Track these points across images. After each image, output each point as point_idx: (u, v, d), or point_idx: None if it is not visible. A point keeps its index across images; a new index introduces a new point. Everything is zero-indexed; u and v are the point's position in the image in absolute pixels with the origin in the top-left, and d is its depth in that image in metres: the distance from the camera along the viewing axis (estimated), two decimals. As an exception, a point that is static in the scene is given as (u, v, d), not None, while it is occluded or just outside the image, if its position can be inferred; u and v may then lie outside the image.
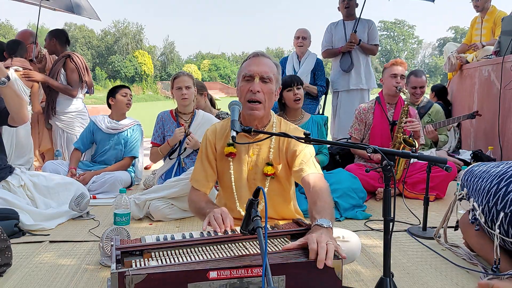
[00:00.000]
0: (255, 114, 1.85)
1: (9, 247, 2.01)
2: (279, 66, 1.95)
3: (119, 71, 53.33)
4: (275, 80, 1.90)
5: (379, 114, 3.64)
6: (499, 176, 1.86)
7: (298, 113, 3.43)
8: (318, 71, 4.76)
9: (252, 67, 1.85)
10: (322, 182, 1.75)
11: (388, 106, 3.66)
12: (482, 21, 5.35)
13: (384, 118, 3.62)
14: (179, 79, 3.39)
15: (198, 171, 2.02)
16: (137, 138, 3.94)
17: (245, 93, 1.85)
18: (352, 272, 2.04)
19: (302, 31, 4.86)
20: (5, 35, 43.32)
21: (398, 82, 3.52)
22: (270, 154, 1.93)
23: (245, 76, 1.86)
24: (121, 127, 3.89)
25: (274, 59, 1.95)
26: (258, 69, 1.84)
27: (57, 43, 4.51)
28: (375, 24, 5.02)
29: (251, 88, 1.83)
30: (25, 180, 2.89)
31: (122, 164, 3.83)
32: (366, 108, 3.71)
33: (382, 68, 3.89)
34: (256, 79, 1.83)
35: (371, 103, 3.73)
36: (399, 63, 3.60)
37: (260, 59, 1.88)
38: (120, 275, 1.24)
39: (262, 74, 1.84)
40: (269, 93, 1.86)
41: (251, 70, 1.84)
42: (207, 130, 2.05)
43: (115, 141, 3.88)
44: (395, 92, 3.55)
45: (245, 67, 1.89)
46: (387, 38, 74.23)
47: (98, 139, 3.91)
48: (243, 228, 1.49)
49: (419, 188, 3.43)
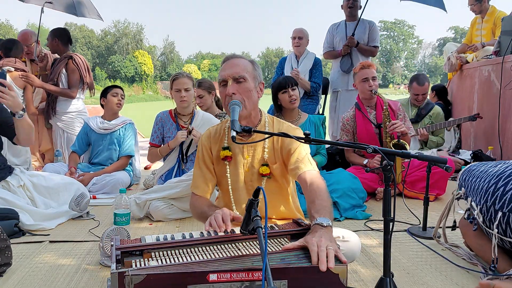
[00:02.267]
0: None
1: (9, 247, 2.01)
2: (254, 63, 1.94)
3: (119, 71, 53.35)
4: (252, 77, 1.88)
5: (362, 119, 3.63)
6: (497, 175, 1.86)
7: (295, 113, 3.43)
8: (315, 69, 4.76)
9: (224, 71, 1.86)
10: (319, 180, 1.75)
11: (369, 109, 3.65)
12: (482, 22, 5.35)
13: (367, 122, 3.60)
14: (178, 81, 3.35)
15: (197, 178, 2.03)
16: (131, 137, 3.90)
17: (223, 98, 1.87)
18: (352, 272, 2.04)
19: (298, 31, 4.86)
20: (5, 35, 43.30)
21: (370, 85, 3.51)
22: (265, 154, 1.93)
23: (220, 82, 1.88)
24: (113, 126, 3.87)
25: (247, 57, 1.95)
26: (230, 71, 1.84)
27: (59, 43, 4.50)
28: (376, 25, 5.02)
29: (225, 93, 1.84)
30: (25, 180, 2.88)
31: (120, 164, 3.82)
32: (348, 118, 3.69)
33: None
34: (229, 82, 1.84)
35: (352, 112, 3.71)
36: (366, 66, 3.57)
37: (231, 61, 1.89)
38: (120, 275, 1.23)
39: (234, 76, 1.84)
40: (246, 92, 1.84)
41: (223, 74, 1.86)
42: (202, 135, 2.06)
43: (108, 141, 3.87)
44: (370, 96, 3.54)
45: (219, 73, 1.90)
46: (387, 38, 74.22)
47: (92, 140, 3.91)
48: (243, 228, 1.49)
49: (419, 186, 3.42)
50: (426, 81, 4.63)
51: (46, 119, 4.56)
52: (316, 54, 4.88)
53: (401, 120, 3.56)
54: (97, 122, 3.89)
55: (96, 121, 3.90)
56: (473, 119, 4.57)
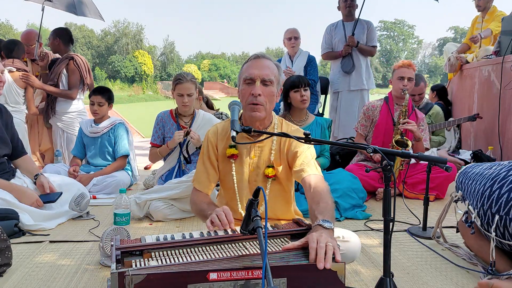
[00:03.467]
0: (256, 115, 1.85)
1: (9, 247, 2.01)
2: (280, 67, 1.95)
3: (119, 71, 53.32)
4: (276, 82, 1.89)
5: (385, 113, 3.65)
6: (492, 178, 1.86)
7: (303, 113, 3.43)
8: (309, 66, 4.76)
9: (253, 70, 1.84)
10: (323, 184, 1.76)
11: (396, 107, 3.66)
12: (483, 21, 5.34)
13: (389, 117, 3.62)
14: (181, 86, 3.31)
15: (200, 173, 2.02)
16: (121, 137, 3.85)
17: (246, 96, 1.85)
18: (352, 272, 2.04)
19: (293, 31, 4.85)
20: (5, 35, 43.29)
21: (404, 85, 3.52)
22: (271, 155, 1.93)
23: (246, 79, 1.85)
24: (101, 130, 3.82)
25: (275, 61, 1.94)
26: (259, 72, 1.83)
27: (60, 42, 4.50)
28: (373, 25, 5.03)
29: (252, 92, 1.82)
30: (28, 183, 2.91)
31: (118, 164, 3.80)
32: (375, 105, 3.71)
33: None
34: (257, 82, 1.83)
35: (380, 102, 3.74)
36: (406, 65, 3.58)
37: (261, 61, 1.87)
38: (120, 275, 1.24)
39: (263, 77, 1.83)
40: (270, 96, 1.86)
41: (252, 73, 1.84)
42: (209, 131, 2.04)
43: (100, 144, 3.85)
44: (401, 94, 3.55)
45: (246, 69, 1.88)
46: (387, 38, 74.19)
47: (86, 144, 3.92)
48: (243, 228, 1.49)
49: (419, 188, 3.43)
50: (422, 81, 4.64)
51: (45, 119, 4.55)
52: (310, 52, 4.85)
53: (421, 131, 3.54)
54: (88, 126, 3.89)
55: (88, 125, 3.90)
56: (473, 119, 4.57)
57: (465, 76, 5.43)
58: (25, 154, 3.03)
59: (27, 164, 3.00)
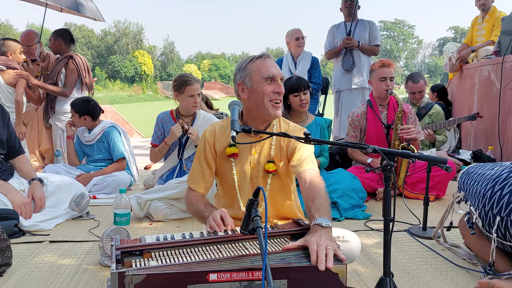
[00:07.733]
0: (279, 113, 1.90)
1: (9, 247, 2.01)
2: None
3: (119, 71, 53.36)
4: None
5: (373, 118, 3.58)
6: (493, 179, 1.85)
7: (302, 114, 3.42)
8: (314, 69, 4.76)
9: (272, 69, 1.88)
10: (319, 179, 1.77)
11: (381, 108, 3.60)
12: (483, 21, 5.34)
13: (378, 121, 3.56)
14: (192, 87, 3.30)
15: (195, 172, 2.02)
16: (114, 140, 3.84)
17: (268, 94, 1.86)
18: (352, 272, 2.04)
19: (299, 31, 4.85)
20: (5, 35, 43.31)
21: (388, 85, 3.46)
22: (272, 151, 1.94)
23: (267, 78, 1.87)
24: (92, 137, 3.85)
25: None
26: (278, 71, 1.89)
27: (62, 43, 4.50)
28: (376, 25, 5.06)
29: (277, 90, 1.86)
30: (25, 185, 2.90)
31: (117, 166, 3.81)
32: (359, 114, 3.64)
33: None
34: (278, 81, 1.88)
35: (363, 108, 3.66)
36: (386, 65, 3.50)
37: (272, 61, 1.93)
38: (120, 275, 1.23)
39: (282, 76, 1.91)
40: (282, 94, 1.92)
41: (273, 72, 1.87)
42: (206, 130, 2.04)
43: (96, 151, 3.88)
44: (385, 96, 3.51)
45: (263, 68, 1.88)
46: (387, 38, 74.21)
47: (84, 152, 3.97)
48: (243, 228, 1.49)
49: (419, 188, 3.42)
50: (421, 79, 4.63)
51: (45, 119, 4.55)
52: (311, 53, 4.85)
53: (411, 123, 3.52)
54: (82, 135, 3.92)
55: (82, 134, 3.93)
56: (472, 119, 4.57)
57: (465, 76, 5.43)
58: (22, 153, 2.99)
59: (22, 165, 2.95)
